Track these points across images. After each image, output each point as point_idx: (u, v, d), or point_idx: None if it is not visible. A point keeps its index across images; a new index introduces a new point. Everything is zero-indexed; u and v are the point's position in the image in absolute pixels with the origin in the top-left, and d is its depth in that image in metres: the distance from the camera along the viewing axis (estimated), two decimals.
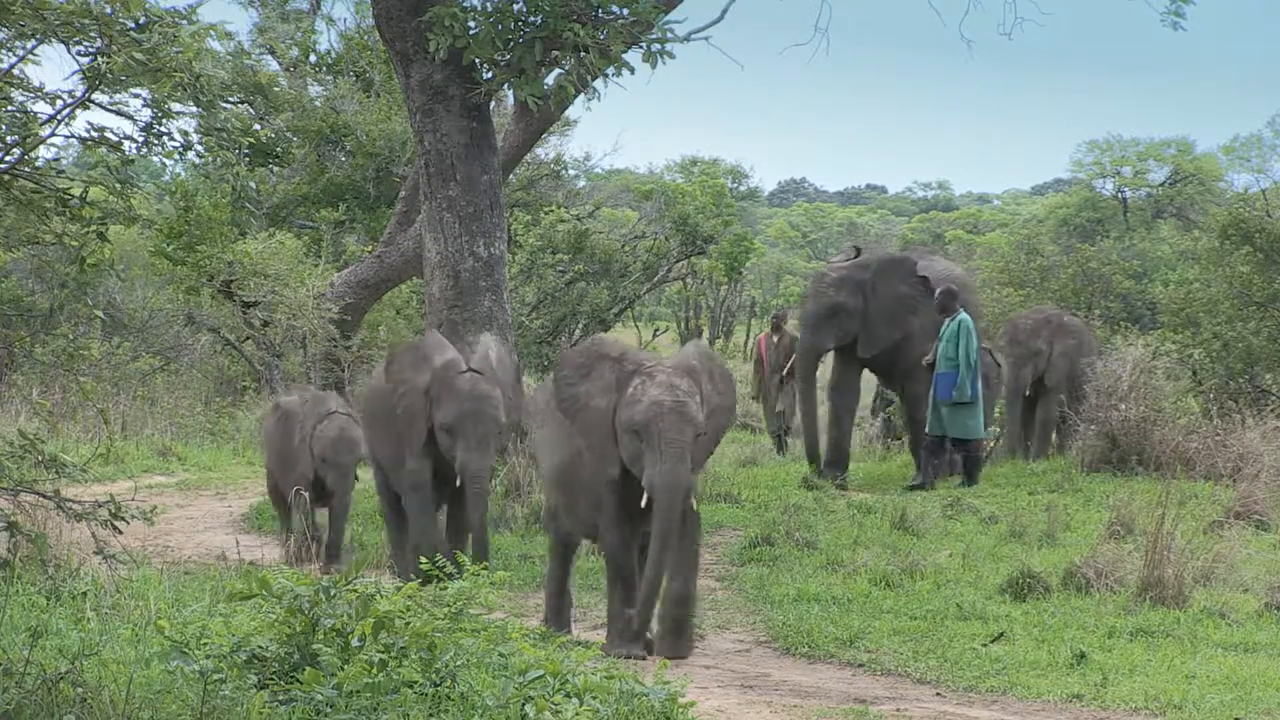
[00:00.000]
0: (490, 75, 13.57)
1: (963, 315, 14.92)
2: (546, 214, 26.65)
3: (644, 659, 8.72)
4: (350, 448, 11.33)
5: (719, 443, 9.39)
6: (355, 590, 6.44)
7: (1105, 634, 9.47)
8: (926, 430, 15.13)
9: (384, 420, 10.83)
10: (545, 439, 9.64)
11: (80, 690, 5.90)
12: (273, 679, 6.16)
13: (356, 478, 11.82)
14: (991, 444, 16.81)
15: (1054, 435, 17.28)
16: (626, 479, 8.94)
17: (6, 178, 6.96)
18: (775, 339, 18.87)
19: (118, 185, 7.17)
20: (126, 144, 7.17)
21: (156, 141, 7.29)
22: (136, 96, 7.21)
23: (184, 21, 7.54)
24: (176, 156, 7.55)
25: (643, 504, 8.74)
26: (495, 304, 13.97)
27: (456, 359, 10.54)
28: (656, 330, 35.34)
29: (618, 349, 9.20)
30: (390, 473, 10.95)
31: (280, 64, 25.59)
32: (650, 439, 8.70)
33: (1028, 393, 16.80)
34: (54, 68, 7.29)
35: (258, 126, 22.29)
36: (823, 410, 15.91)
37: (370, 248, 21.22)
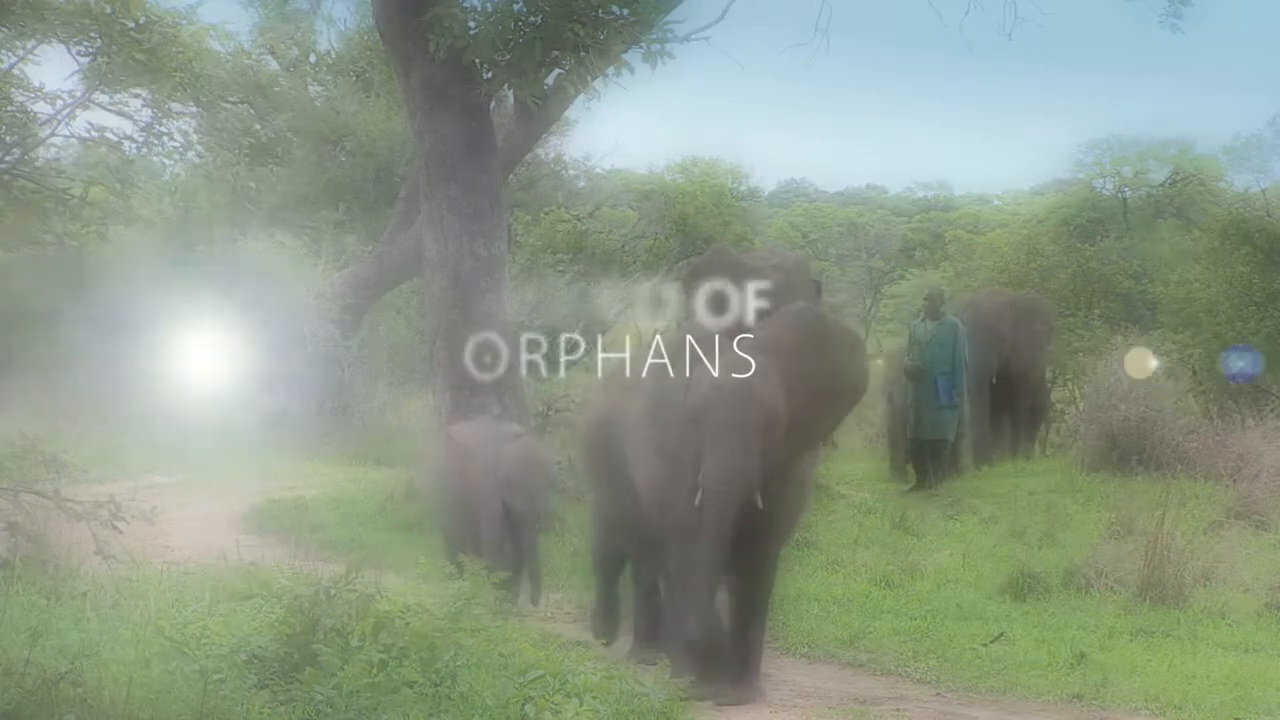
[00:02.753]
0: (490, 75, 13.56)
1: (951, 318, 14.83)
2: (546, 214, 26.65)
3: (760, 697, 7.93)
4: (542, 469, 10.16)
5: (828, 432, 8.01)
6: (355, 590, 6.45)
7: (1105, 634, 9.47)
8: (913, 435, 15.00)
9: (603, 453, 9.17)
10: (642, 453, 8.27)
11: (80, 690, 5.90)
12: (273, 679, 6.16)
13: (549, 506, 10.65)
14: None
15: (1039, 428, 17.16)
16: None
17: (6, 178, 6.97)
18: None
19: (118, 185, 7.18)
20: (126, 144, 7.18)
21: (156, 141, 7.30)
22: (136, 96, 7.22)
23: (184, 21, 7.54)
24: (176, 156, 7.56)
25: (696, 501, 7.55)
26: (495, 304, 13.96)
27: None
28: (657, 330, 35.25)
29: (703, 332, 7.94)
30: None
31: (280, 64, 25.57)
32: (706, 427, 7.54)
33: (993, 380, 16.54)
34: (54, 68, 7.29)
35: (258, 126, 22.28)
36: None
37: (370, 248, 21.21)
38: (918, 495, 14.51)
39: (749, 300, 7.91)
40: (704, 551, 7.57)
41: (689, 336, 7.82)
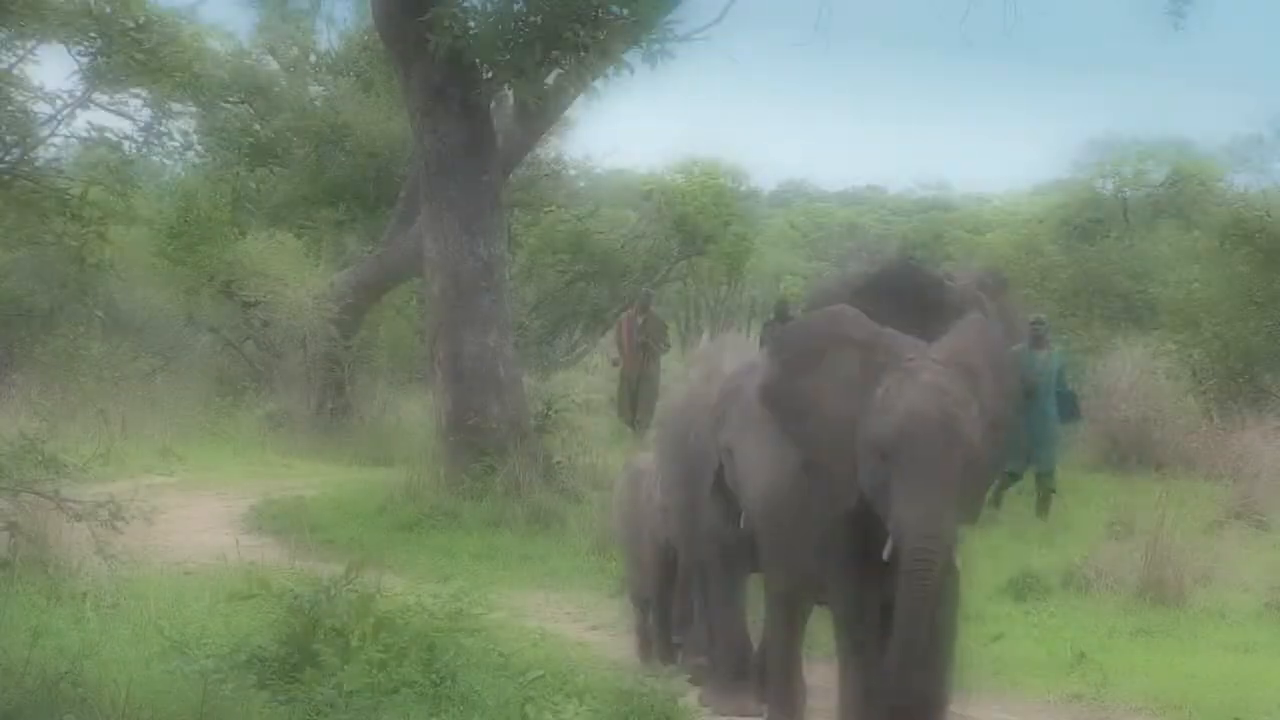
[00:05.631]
0: (490, 75, 13.57)
1: (1058, 347, 14.13)
2: (546, 214, 26.65)
3: None
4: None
5: (1000, 469, 6.84)
6: (355, 590, 6.45)
7: (1105, 634, 9.47)
8: (1043, 469, 13.82)
9: (679, 451, 8.14)
10: (749, 452, 7.18)
11: (80, 690, 5.90)
12: (273, 679, 6.16)
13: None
14: None
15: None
16: (867, 516, 6.52)
17: (6, 178, 6.97)
18: (640, 320, 18.47)
19: (118, 185, 7.18)
20: (126, 144, 7.18)
21: (156, 141, 7.30)
22: (136, 96, 7.22)
23: (184, 21, 7.55)
24: (176, 156, 7.56)
25: (885, 555, 6.38)
26: (495, 304, 13.96)
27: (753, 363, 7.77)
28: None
29: (865, 329, 6.61)
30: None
31: (280, 64, 25.57)
32: (901, 465, 6.31)
33: None
34: (54, 68, 7.28)
35: (258, 126, 22.28)
36: None
37: (370, 248, 21.21)
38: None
39: (938, 314, 6.83)
40: (907, 620, 6.36)
41: (869, 349, 6.53)
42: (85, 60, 6.92)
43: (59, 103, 7.09)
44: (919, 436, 6.27)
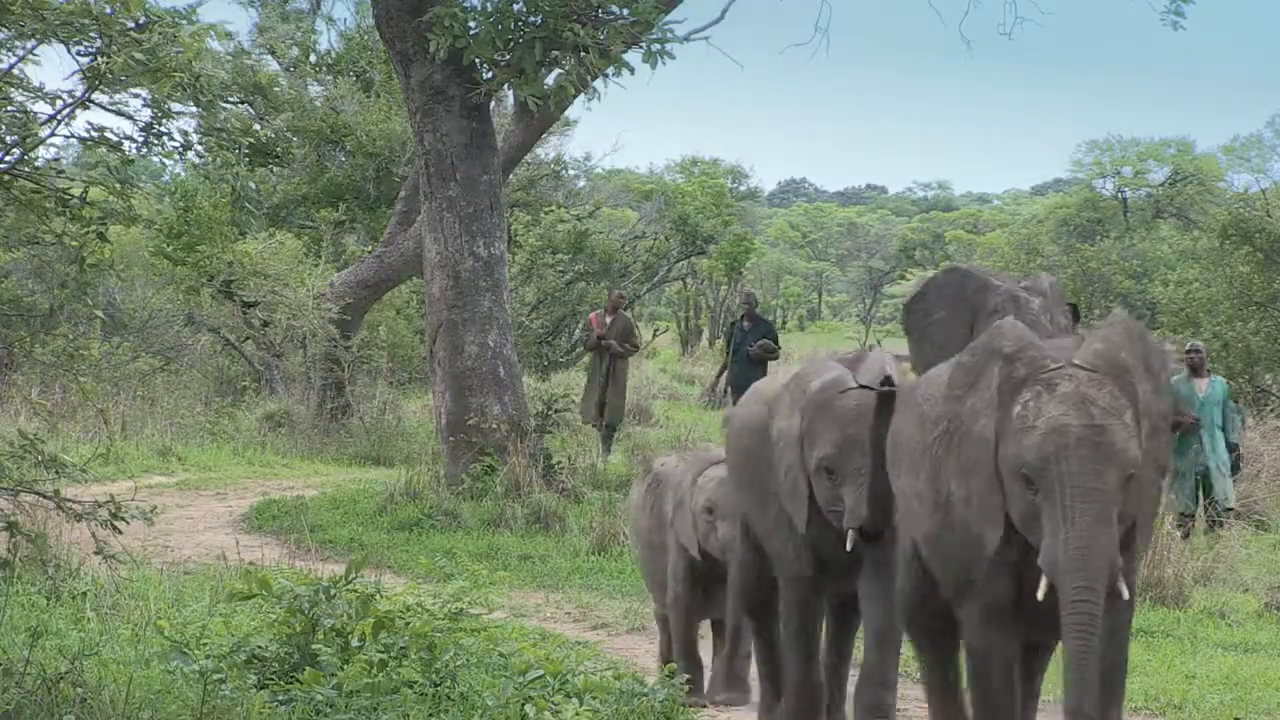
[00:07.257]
0: (490, 75, 13.58)
1: (1218, 376, 13.82)
2: (546, 214, 26.69)
3: None
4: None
5: (1163, 486, 6.06)
6: (355, 590, 6.45)
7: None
8: (1227, 504, 13.17)
9: (757, 472, 7.18)
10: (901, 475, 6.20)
11: (80, 690, 5.90)
12: (273, 679, 6.17)
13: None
14: None
15: None
16: (1013, 552, 5.63)
17: (6, 178, 6.96)
18: (609, 320, 18.03)
19: (118, 185, 7.17)
20: (126, 144, 7.17)
21: (156, 141, 7.28)
22: (136, 96, 7.20)
23: (184, 21, 7.54)
24: (176, 156, 7.54)
25: (1039, 594, 5.52)
26: (495, 304, 13.96)
27: (841, 376, 6.87)
28: (656, 330, 35.37)
29: (1017, 339, 5.71)
30: (772, 557, 7.18)
31: (280, 64, 25.59)
32: (1048, 488, 5.42)
33: None
34: (54, 68, 7.27)
35: (258, 126, 22.27)
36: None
37: (370, 248, 21.23)
38: None
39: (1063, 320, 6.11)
40: (1077, 665, 5.68)
41: (1012, 362, 5.65)
42: (85, 60, 6.90)
43: (59, 103, 7.07)
44: (1064, 456, 5.40)
